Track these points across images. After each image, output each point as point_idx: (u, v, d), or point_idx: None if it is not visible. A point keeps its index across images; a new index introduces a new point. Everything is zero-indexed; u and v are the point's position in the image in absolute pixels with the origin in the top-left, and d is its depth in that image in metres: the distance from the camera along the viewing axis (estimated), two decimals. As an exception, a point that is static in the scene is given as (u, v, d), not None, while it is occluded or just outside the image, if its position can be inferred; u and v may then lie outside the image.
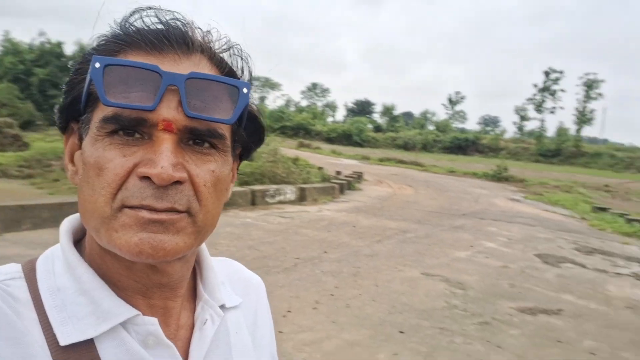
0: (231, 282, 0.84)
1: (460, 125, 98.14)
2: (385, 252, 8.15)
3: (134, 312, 0.65)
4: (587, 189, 23.31)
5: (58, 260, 0.67)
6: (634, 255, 9.76)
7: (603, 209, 15.89)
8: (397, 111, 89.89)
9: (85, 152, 0.62)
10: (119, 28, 0.65)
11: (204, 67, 0.64)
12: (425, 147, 59.72)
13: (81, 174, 0.64)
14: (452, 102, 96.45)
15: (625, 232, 12.33)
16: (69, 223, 0.70)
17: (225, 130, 0.64)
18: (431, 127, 79.75)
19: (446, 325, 5.23)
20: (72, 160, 0.68)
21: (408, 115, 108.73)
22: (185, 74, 0.60)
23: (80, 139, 0.65)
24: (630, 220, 13.58)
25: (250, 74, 0.70)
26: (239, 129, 0.68)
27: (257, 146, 0.74)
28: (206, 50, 0.65)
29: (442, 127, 74.69)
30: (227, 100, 0.62)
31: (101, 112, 0.60)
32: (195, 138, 0.62)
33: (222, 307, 0.77)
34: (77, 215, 0.70)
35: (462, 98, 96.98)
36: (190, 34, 0.65)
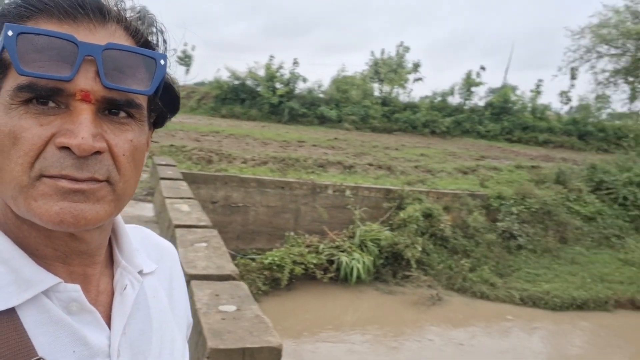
0: (145, 249, 0.85)
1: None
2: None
3: (56, 279, 0.65)
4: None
5: None
6: None
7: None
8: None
9: None
10: None
11: (120, 37, 0.64)
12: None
13: None
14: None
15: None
16: None
17: (141, 100, 0.65)
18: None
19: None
20: None
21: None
22: (102, 45, 0.59)
23: None
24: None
25: (165, 44, 0.70)
26: (155, 99, 0.69)
27: (172, 114, 0.75)
28: (122, 20, 0.65)
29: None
30: (144, 71, 0.63)
31: (14, 80, 0.59)
32: (112, 108, 0.62)
33: (139, 272, 0.78)
34: None
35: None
36: (105, 2, 0.63)
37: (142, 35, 0.67)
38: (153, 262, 0.83)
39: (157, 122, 0.74)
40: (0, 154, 0.60)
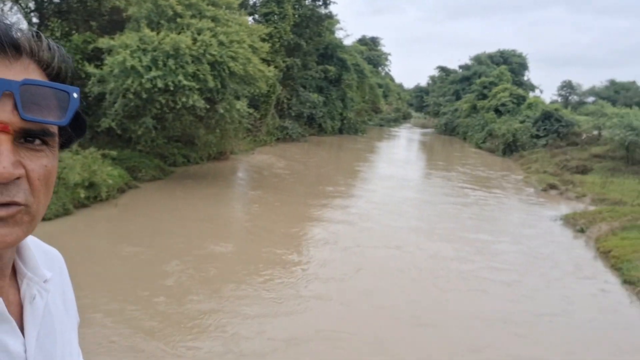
0: (38, 257, 0.87)
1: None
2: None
3: None
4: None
5: None
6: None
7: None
8: None
9: None
10: None
11: (33, 71, 0.68)
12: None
13: None
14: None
15: None
16: None
17: (55, 129, 0.70)
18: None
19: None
20: None
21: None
22: (19, 80, 0.63)
23: None
24: None
25: (72, 74, 0.75)
26: (65, 126, 0.72)
27: (80, 137, 0.79)
28: (34, 55, 0.69)
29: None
30: (57, 103, 0.67)
31: None
32: (28, 136, 0.66)
33: (44, 282, 0.83)
34: None
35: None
36: (19, 39, 0.67)
37: (53, 69, 0.71)
38: (47, 270, 0.87)
39: (64, 144, 0.78)
40: None
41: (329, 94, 34.64)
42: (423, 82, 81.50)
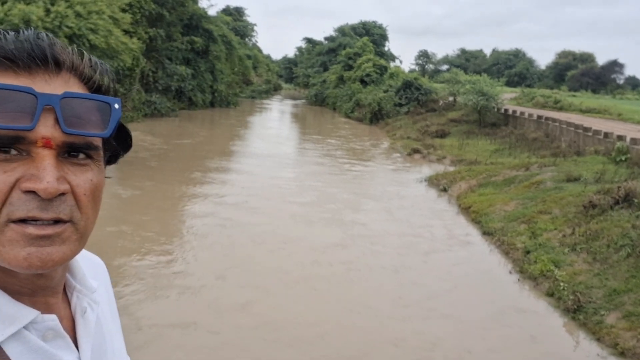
0: (85, 267, 0.88)
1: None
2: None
3: (35, 312, 0.70)
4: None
5: None
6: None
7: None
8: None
9: None
10: None
11: (73, 85, 0.68)
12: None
13: None
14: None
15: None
16: None
17: (98, 142, 0.69)
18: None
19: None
20: None
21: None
22: (59, 94, 0.63)
23: None
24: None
25: (115, 87, 0.75)
26: (109, 139, 0.73)
27: (126, 152, 0.80)
28: (75, 69, 0.69)
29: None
30: (100, 115, 0.67)
31: None
32: (72, 150, 0.66)
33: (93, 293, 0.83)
34: None
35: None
36: (58, 53, 0.67)
37: (94, 82, 0.71)
38: (94, 279, 0.87)
39: (111, 159, 0.78)
40: None
41: (197, 66, 33.64)
42: (290, 53, 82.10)
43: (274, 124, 33.73)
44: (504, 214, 10.90)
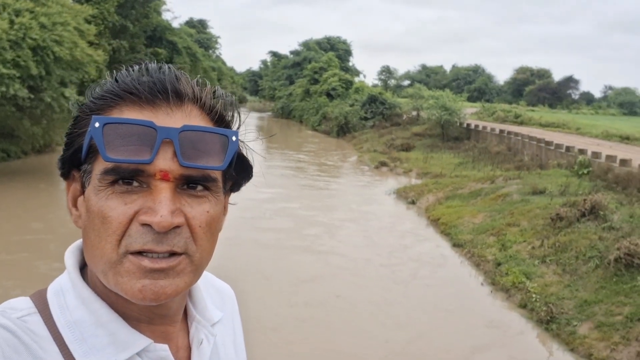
0: (209, 296, 0.88)
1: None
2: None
3: (148, 341, 0.71)
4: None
5: (69, 294, 0.71)
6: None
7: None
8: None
9: (90, 201, 0.67)
10: (114, 82, 0.69)
11: (195, 117, 0.69)
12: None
13: (84, 219, 0.69)
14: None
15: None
16: (73, 257, 0.74)
17: (217, 174, 0.70)
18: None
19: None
20: (75, 205, 0.73)
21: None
22: (178, 128, 0.65)
23: (83, 186, 0.70)
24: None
25: (239, 118, 0.76)
26: (229, 169, 0.73)
27: (246, 181, 0.80)
28: (197, 100, 0.70)
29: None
30: (218, 148, 0.68)
31: (102, 165, 0.65)
32: (190, 182, 0.67)
33: (212, 325, 0.83)
34: (76, 245, 0.76)
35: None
36: (180, 86, 0.68)
37: (216, 113, 0.72)
38: (218, 309, 0.87)
39: (233, 187, 0.79)
40: (92, 232, 0.66)
41: (162, 78, 33.21)
42: (255, 66, 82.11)
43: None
44: (472, 226, 11.11)
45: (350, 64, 55.84)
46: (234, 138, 0.69)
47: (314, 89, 41.28)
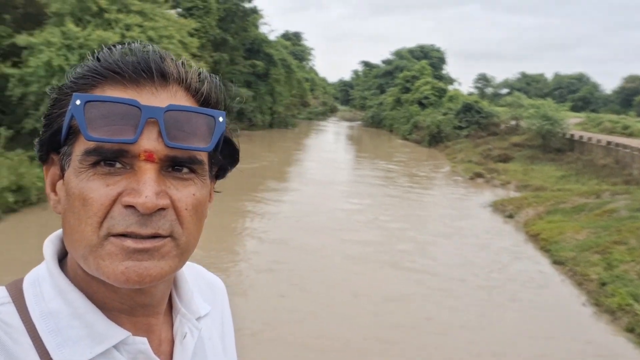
0: (199, 288, 0.85)
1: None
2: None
3: (126, 333, 0.67)
4: None
5: (45, 283, 0.68)
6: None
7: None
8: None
9: (69, 183, 0.64)
10: (96, 61, 0.66)
11: (181, 98, 0.66)
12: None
13: (64, 203, 0.65)
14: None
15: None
16: (52, 245, 0.72)
17: (203, 156, 0.67)
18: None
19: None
20: (54, 190, 0.70)
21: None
22: (163, 107, 0.62)
23: (62, 170, 0.67)
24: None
25: (225, 101, 0.73)
26: (216, 153, 0.71)
27: (233, 167, 0.77)
28: (182, 81, 0.67)
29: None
30: (204, 129, 0.65)
31: (83, 145, 0.62)
32: (175, 164, 0.64)
33: (197, 319, 0.79)
34: (56, 235, 0.73)
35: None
36: (165, 66, 0.66)
37: (202, 94, 0.69)
38: (207, 303, 0.84)
39: (219, 174, 0.76)
40: (72, 216, 0.63)
41: (258, 88, 34.44)
42: (346, 76, 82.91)
43: (330, 146, 33.84)
44: (575, 242, 10.44)
45: (444, 72, 54.78)
46: (220, 119, 0.66)
47: (406, 98, 40.87)
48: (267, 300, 7.26)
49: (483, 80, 78.68)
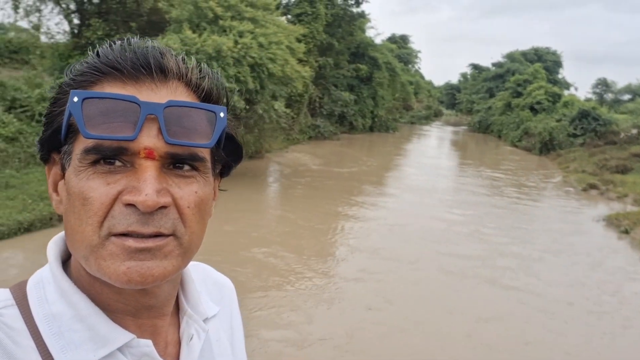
0: (206, 289, 0.84)
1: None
2: None
3: (130, 336, 0.67)
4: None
5: (49, 286, 0.68)
6: None
7: None
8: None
9: (70, 182, 0.63)
10: (94, 58, 0.65)
11: (181, 94, 0.66)
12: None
13: (65, 203, 0.65)
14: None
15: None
16: (56, 247, 0.71)
17: (205, 153, 0.66)
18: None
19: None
20: (56, 190, 0.70)
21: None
22: (163, 103, 0.61)
23: (63, 169, 0.66)
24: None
25: (226, 96, 0.72)
26: (218, 150, 0.70)
27: (237, 164, 0.76)
28: (182, 77, 0.67)
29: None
30: (205, 125, 0.64)
31: (82, 144, 0.62)
32: (176, 162, 0.64)
33: (204, 320, 0.78)
34: (60, 236, 0.72)
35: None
36: (164, 61, 0.65)
37: (203, 90, 0.68)
38: (214, 303, 0.83)
39: (223, 171, 0.75)
40: (72, 216, 0.63)
41: (360, 92, 34.51)
42: (453, 79, 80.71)
43: (432, 152, 32.99)
44: None
45: (560, 76, 51.54)
46: (222, 114, 0.65)
47: (516, 103, 38.95)
48: (353, 311, 7.05)
49: (603, 85, 72.96)
